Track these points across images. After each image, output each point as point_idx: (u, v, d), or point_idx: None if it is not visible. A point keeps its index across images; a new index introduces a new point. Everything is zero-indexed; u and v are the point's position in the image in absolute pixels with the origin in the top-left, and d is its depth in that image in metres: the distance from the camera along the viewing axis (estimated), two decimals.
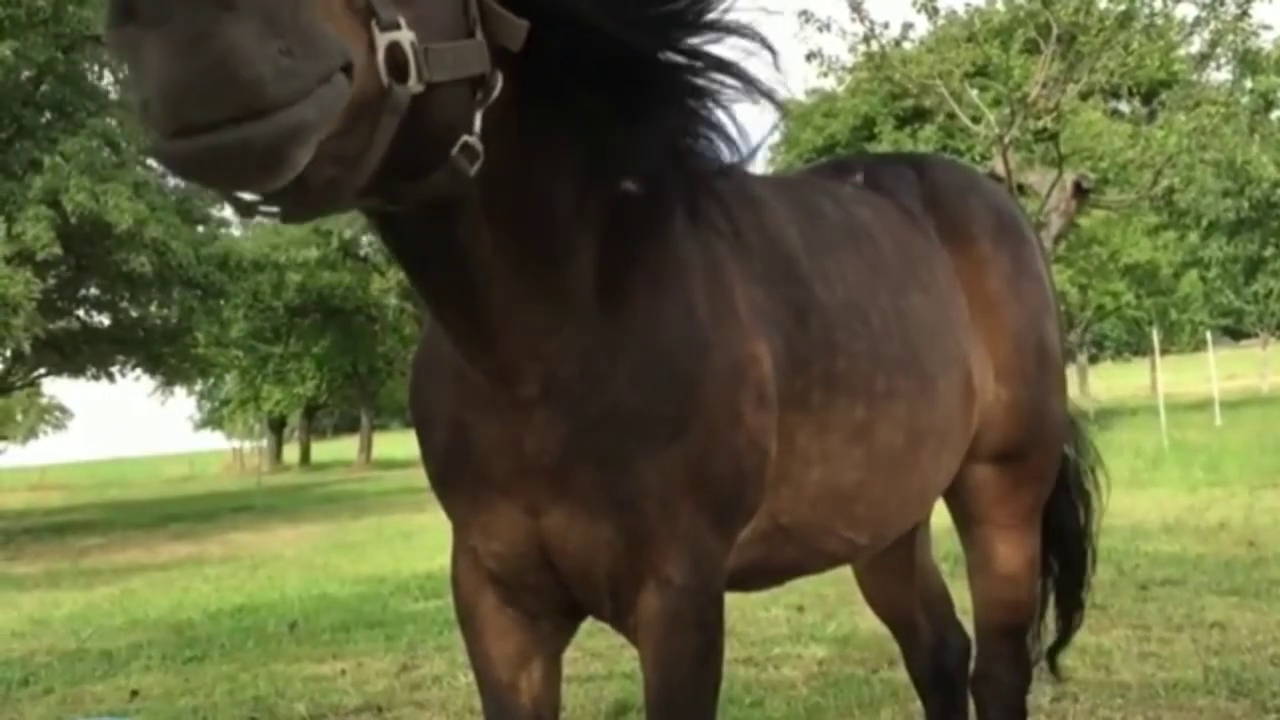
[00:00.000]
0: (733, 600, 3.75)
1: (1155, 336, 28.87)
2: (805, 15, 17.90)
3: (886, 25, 18.03)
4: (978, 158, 20.56)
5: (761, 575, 2.74)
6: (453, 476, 2.34)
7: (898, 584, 3.67)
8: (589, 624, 2.51)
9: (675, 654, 2.24)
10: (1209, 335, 31.30)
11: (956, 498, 3.27)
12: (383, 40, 1.55)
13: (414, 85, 1.61)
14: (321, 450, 60.59)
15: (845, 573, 3.89)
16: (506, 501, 2.23)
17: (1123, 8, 17.31)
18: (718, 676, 2.32)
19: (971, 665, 3.55)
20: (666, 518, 2.17)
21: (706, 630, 2.27)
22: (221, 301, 26.59)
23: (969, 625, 3.60)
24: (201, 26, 1.28)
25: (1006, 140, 17.00)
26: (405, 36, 1.58)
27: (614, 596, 2.26)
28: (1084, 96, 19.03)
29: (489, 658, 2.44)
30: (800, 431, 2.46)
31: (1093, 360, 55.04)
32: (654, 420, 2.15)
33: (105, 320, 26.14)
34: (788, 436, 2.42)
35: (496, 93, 1.83)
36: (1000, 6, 25.47)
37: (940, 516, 3.47)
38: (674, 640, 2.23)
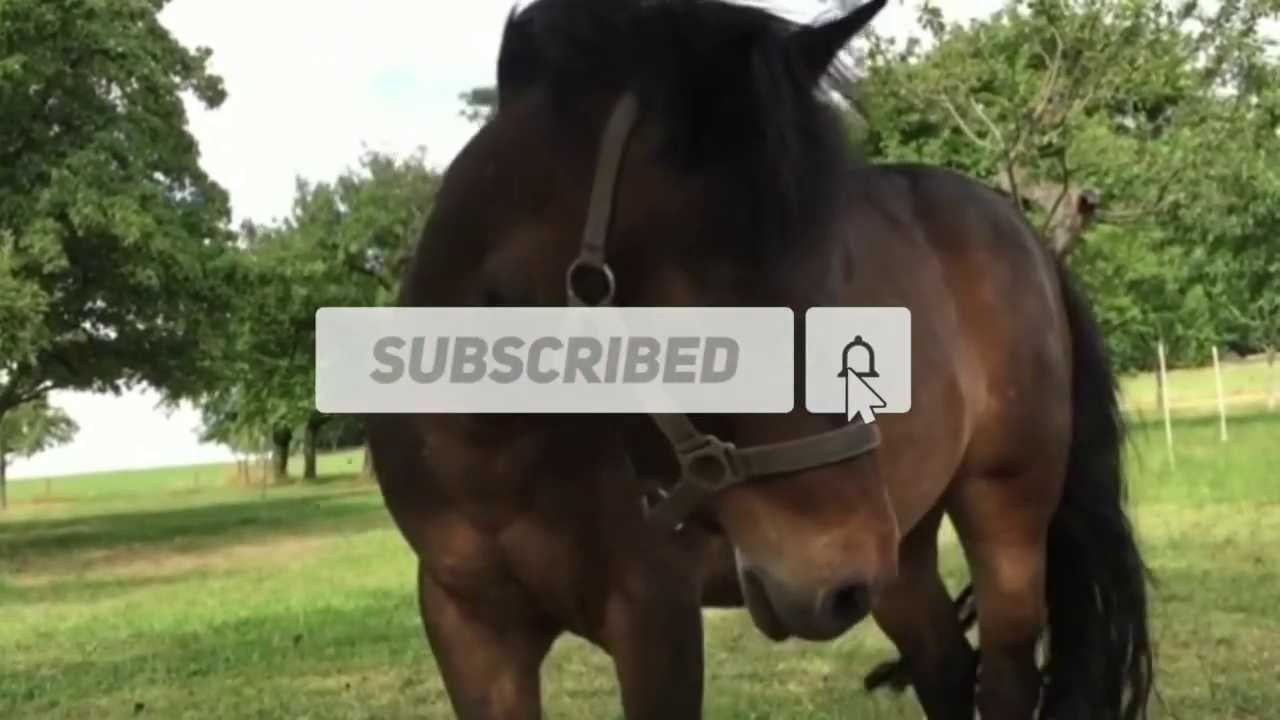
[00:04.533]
0: (737, 615, 3.75)
1: (1161, 352, 28.76)
2: None
3: (892, 40, 18.15)
4: (983, 172, 20.56)
5: None
6: (406, 492, 2.32)
7: (903, 600, 3.65)
8: None
9: (647, 667, 2.23)
10: (1215, 351, 31.22)
11: (956, 512, 3.25)
12: None
13: None
14: (326, 463, 60.65)
15: None
16: (461, 517, 2.21)
17: (1128, 23, 17.34)
18: (695, 687, 2.30)
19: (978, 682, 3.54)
20: (625, 531, 2.14)
21: (677, 643, 2.26)
22: (228, 314, 26.69)
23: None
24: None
25: (1012, 155, 17.04)
26: None
27: (583, 609, 2.25)
28: (1089, 112, 19.06)
29: (458, 673, 2.43)
30: None
31: None
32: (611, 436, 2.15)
33: (111, 333, 26.26)
34: None
35: None
36: (1006, 22, 25.54)
37: (946, 532, 3.46)
38: (644, 653, 2.23)
